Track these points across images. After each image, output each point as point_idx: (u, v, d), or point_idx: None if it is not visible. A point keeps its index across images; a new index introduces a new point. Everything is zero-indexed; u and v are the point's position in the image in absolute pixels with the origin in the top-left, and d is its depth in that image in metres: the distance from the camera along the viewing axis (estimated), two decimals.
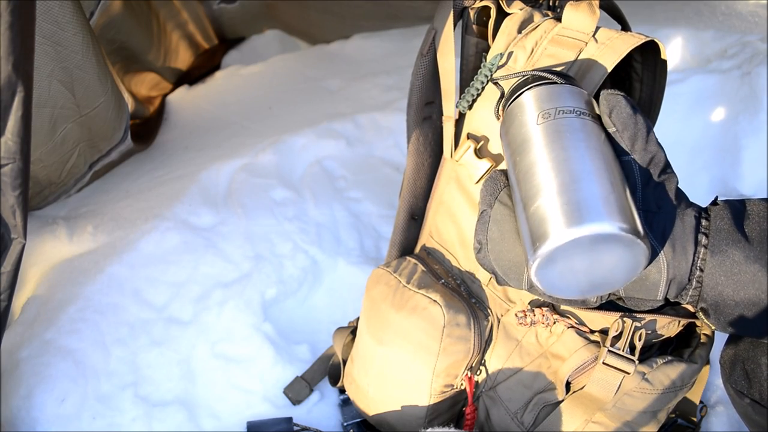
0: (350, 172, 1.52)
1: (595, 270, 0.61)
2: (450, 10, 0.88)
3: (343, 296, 1.28)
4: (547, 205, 0.61)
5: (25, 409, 1.04)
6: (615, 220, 0.58)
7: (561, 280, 0.62)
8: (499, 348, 0.86)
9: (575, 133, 0.65)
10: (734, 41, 1.53)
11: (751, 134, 1.36)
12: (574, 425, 0.79)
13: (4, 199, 0.78)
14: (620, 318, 0.75)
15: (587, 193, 0.60)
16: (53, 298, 1.20)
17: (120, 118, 1.38)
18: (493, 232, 0.69)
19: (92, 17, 1.38)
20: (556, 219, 0.59)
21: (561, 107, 0.66)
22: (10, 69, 0.70)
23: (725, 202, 0.67)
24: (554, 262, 0.60)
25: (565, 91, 0.68)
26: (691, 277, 0.64)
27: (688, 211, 0.65)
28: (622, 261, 0.60)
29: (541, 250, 0.59)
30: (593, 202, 0.59)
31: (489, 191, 0.71)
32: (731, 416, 1.02)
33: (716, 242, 0.64)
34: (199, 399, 1.11)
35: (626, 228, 0.58)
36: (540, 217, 0.61)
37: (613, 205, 0.59)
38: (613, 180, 0.61)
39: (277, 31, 2.19)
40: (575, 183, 0.60)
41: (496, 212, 0.69)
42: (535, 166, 0.64)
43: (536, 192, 0.62)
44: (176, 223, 1.33)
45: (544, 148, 0.64)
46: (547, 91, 0.69)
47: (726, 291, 0.64)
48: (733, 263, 0.63)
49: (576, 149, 0.63)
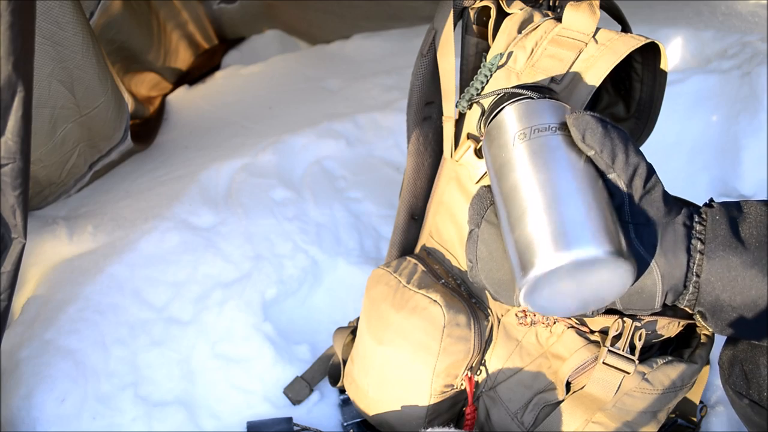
0: (350, 172, 1.52)
1: (583, 290, 0.62)
2: (450, 10, 0.88)
3: (343, 296, 1.28)
4: (529, 231, 0.61)
5: (25, 409, 1.04)
6: (597, 243, 0.58)
7: (550, 302, 0.63)
8: (500, 348, 0.86)
9: (552, 152, 0.64)
10: (734, 41, 1.53)
11: (751, 134, 1.36)
12: (575, 425, 0.79)
13: (4, 199, 0.78)
14: (620, 318, 0.75)
15: (567, 216, 0.60)
16: (53, 298, 1.20)
17: (120, 118, 1.38)
18: (482, 251, 0.70)
19: (92, 17, 1.38)
20: (539, 246, 0.60)
21: (536, 125, 0.65)
22: (10, 69, 0.70)
23: (721, 205, 0.66)
24: (541, 287, 0.61)
25: (541, 106, 0.67)
26: (687, 283, 0.64)
27: (678, 219, 0.64)
28: (608, 280, 0.61)
29: (526, 278, 0.60)
30: (574, 227, 0.59)
31: (476, 210, 0.71)
32: (731, 416, 1.02)
33: (712, 248, 0.63)
34: (199, 399, 1.11)
35: (609, 250, 0.58)
36: (524, 244, 0.61)
37: (594, 227, 0.59)
38: (593, 199, 0.61)
39: (277, 31, 2.19)
40: (555, 207, 0.61)
41: (483, 232, 0.70)
42: (516, 191, 0.64)
43: (518, 217, 0.62)
44: (176, 223, 1.33)
45: (523, 172, 0.64)
46: (522, 109, 0.68)
47: (723, 295, 0.63)
48: (729, 268, 0.62)
49: (553, 170, 0.63)
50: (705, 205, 0.67)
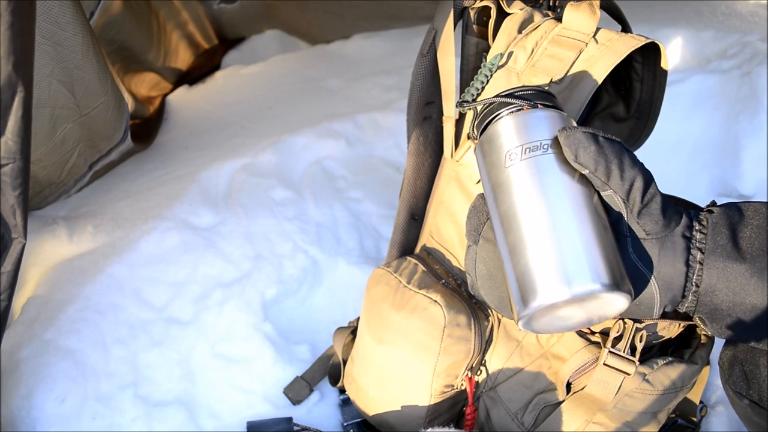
0: (350, 172, 1.52)
1: (582, 315, 0.63)
2: (450, 10, 0.88)
3: (343, 296, 1.28)
4: (527, 263, 0.61)
5: (25, 409, 1.04)
6: (595, 278, 0.59)
7: (550, 326, 0.64)
8: (500, 348, 0.86)
9: (545, 175, 0.62)
10: (734, 41, 1.53)
11: (751, 134, 1.36)
12: (575, 426, 0.79)
13: (4, 199, 0.77)
14: (621, 320, 0.75)
15: (566, 250, 0.60)
16: (53, 298, 1.20)
17: (120, 118, 1.38)
18: (481, 270, 0.70)
19: (92, 17, 1.38)
20: (538, 281, 0.60)
21: (528, 143, 0.63)
22: (10, 69, 0.70)
23: (722, 209, 0.66)
24: (540, 317, 0.62)
25: (533, 119, 0.65)
26: (686, 293, 0.64)
27: (677, 230, 0.63)
28: (605, 306, 0.62)
29: (526, 310, 0.61)
30: (573, 261, 0.59)
31: (473, 225, 0.70)
32: (731, 416, 1.02)
33: (713, 259, 0.62)
34: (199, 399, 1.11)
35: (607, 283, 0.59)
36: (523, 276, 0.61)
37: (593, 260, 0.59)
38: (591, 227, 0.61)
39: (277, 31, 2.19)
40: (553, 240, 0.60)
41: (481, 250, 0.69)
42: (512, 218, 0.63)
43: (516, 246, 0.62)
44: (176, 223, 1.33)
45: (517, 197, 0.63)
46: (513, 123, 0.65)
47: (724, 304, 0.63)
48: (729, 278, 0.62)
49: (548, 197, 0.62)
50: (706, 209, 0.66)
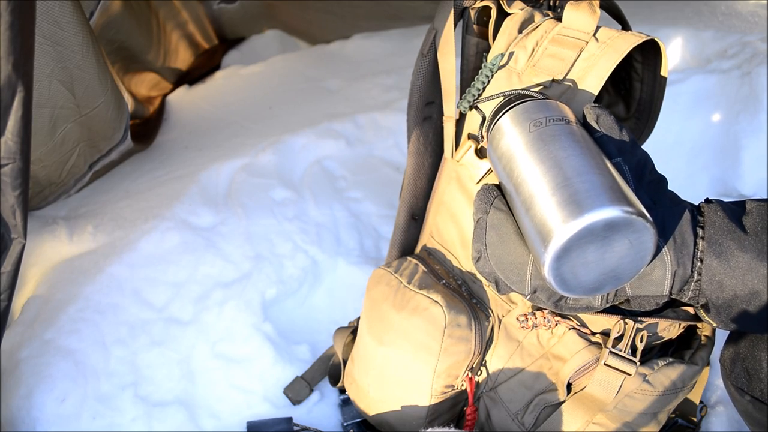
0: (350, 172, 1.52)
1: (606, 260, 0.62)
2: (450, 10, 0.88)
3: (343, 296, 1.28)
4: (552, 200, 0.62)
5: (25, 409, 1.04)
6: (623, 204, 0.59)
7: (573, 277, 0.63)
8: (500, 349, 0.86)
9: (569, 136, 0.67)
10: (734, 41, 1.53)
11: (751, 134, 1.36)
12: (575, 426, 0.79)
13: (4, 199, 0.77)
14: (622, 320, 0.75)
15: (592, 184, 0.61)
16: (53, 298, 1.20)
17: (120, 118, 1.38)
18: (492, 236, 0.69)
19: (92, 17, 1.38)
20: (565, 211, 0.60)
21: (550, 116, 0.70)
22: (10, 69, 0.70)
23: (718, 201, 0.69)
24: (567, 256, 0.61)
25: (550, 104, 0.72)
26: (693, 268, 0.65)
27: (682, 206, 0.67)
28: (632, 247, 0.61)
29: (552, 244, 0.60)
30: (599, 191, 0.61)
31: (483, 200, 0.71)
32: (731, 416, 1.02)
33: (712, 233, 0.65)
34: (199, 399, 1.11)
35: (633, 211, 0.59)
36: (547, 214, 0.62)
37: (618, 191, 0.61)
38: (606, 169, 0.64)
39: (277, 31, 2.19)
40: (579, 176, 0.62)
41: (492, 217, 0.70)
42: (536, 168, 0.65)
43: (539, 191, 0.64)
44: (176, 223, 1.32)
45: (542, 151, 0.66)
46: (534, 105, 0.72)
47: (724, 281, 0.65)
48: (729, 253, 0.64)
49: (573, 148, 0.66)
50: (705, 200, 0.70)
